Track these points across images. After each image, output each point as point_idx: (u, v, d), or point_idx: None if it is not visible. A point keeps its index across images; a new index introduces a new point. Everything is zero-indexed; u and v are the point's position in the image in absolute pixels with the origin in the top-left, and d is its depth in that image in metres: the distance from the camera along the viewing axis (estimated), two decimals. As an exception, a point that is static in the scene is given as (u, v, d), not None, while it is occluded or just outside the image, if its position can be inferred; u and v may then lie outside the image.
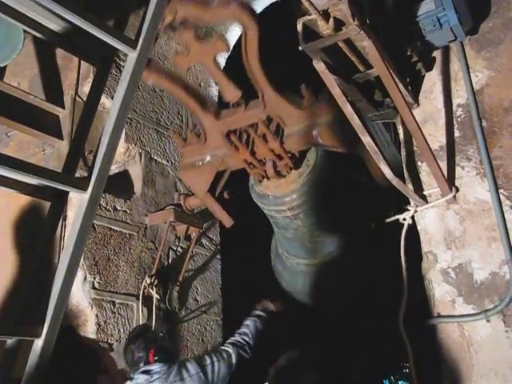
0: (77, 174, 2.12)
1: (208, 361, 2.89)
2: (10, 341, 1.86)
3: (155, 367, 2.78)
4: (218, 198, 3.48)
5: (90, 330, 3.24)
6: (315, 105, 2.97)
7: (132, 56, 1.86)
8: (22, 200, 3.52)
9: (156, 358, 2.81)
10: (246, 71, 2.86)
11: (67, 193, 1.85)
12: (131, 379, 2.82)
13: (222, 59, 4.49)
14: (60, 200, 1.85)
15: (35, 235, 3.37)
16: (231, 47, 4.42)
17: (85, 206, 1.75)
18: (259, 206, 3.37)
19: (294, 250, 3.69)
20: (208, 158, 3.29)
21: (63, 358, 2.03)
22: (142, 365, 2.81)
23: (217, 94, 4.64)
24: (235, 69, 2.99)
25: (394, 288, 2.84)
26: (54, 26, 1.82)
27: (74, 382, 2.96)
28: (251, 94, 3.02)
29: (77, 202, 2.62)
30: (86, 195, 1.75)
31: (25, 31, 3.27)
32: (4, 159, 1.53)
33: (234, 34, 4.34)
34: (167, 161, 4.05)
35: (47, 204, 3.04)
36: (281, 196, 3.20)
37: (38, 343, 1.72)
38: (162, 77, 3.03)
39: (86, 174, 1.95)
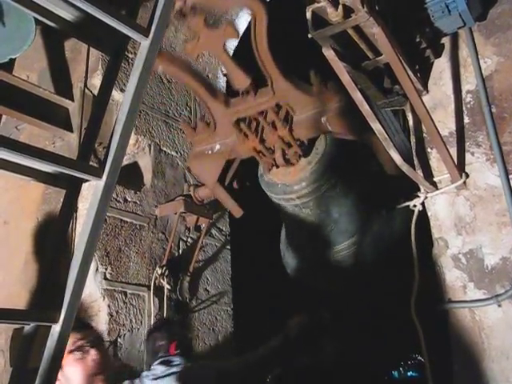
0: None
1: (225, 366, 2.85)
2: (27, 327, 1.88)
3: (175, 359, 2.73)
4: (228, 188, 3.48)
5: (102, 321, 3.27)
6: (324, 92, 2.95)
7: (145, 44, 1.86)
8: (33, 193, 3.55)
9: (177, 351, 2.77)
10: (256, 58, 2.85)
11: (82, 181, 1.86)
12: (149, 370, 2.76)
13: (230, 48, 4.50)
14: (75, 188, 1.86)
15: (46, 227, 3.40)
16: (240, 34, 4.43)
17: (100, 193, 1.75)
18: (268, 195, 3.36)
19: (304, 240, 3.68)
20: (217, 147, 3.27)
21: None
22: (161, 354, 2.76)
23: (224, 85, 4.64)
24: (244, 57, 2.98)
25: (405, 275, 2.85)
26: (66, 14, 1.83)
27: None
28: (260, 83, 3.01)
29: (88, 194, 2.64)
30: (101, 182, 1.75)
31: (36, 23, 3.28)
32: (21, 147, 1.55)
33: (242, 21, 4.33)
34: (176, 152, 4.06)
35: (58, 196, 3.07)
36: (290, 184, 3.16)
37: (56, 328, 1.74)
38: (172, 64, 3.01)
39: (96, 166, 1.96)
